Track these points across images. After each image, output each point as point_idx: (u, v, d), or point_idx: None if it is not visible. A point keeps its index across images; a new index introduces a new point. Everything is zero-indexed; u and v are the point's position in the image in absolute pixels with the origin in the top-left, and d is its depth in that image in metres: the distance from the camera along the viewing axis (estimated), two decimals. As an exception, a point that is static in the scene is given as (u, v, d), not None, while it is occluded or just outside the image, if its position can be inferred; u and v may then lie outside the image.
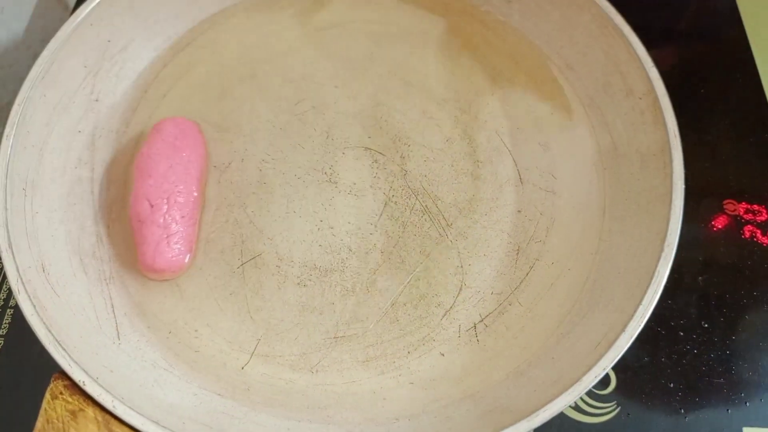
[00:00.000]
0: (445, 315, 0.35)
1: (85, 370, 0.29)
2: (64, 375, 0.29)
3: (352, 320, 0.35)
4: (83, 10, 0.38)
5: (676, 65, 0.47)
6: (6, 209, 0.32)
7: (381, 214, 0.38)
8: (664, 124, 0.35)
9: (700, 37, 0.48)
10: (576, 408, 0.35)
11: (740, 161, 0.42)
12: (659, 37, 0.48)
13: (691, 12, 0.49)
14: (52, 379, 0.29)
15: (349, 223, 0.38)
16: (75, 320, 0.32)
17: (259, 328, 0.35)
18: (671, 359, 0.36)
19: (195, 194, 0.37)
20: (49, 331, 0.29)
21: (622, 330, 0.30)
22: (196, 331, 0.35)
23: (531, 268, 0.37)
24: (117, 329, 0.34)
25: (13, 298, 0.38)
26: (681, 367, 0.36)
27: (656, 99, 0.36)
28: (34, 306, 0.30)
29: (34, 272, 0.32)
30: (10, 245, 0.31)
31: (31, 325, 0.29)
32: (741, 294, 0.38)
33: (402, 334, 0.35)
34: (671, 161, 0.34)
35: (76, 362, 0.29)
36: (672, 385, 0.36)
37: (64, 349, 0.29)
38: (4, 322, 0.37)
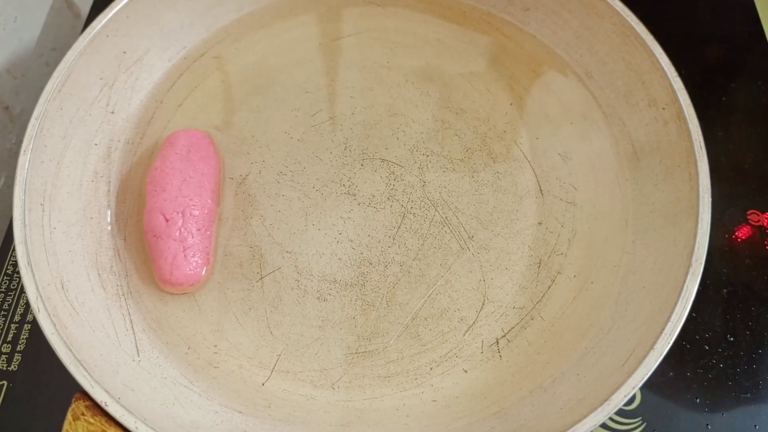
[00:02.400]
0: (468, 330, 0.35)
1: (107, 391, 0.28)
2: (85, 395, 0.28)
3: (372, 335, 0.35)
4: (99, 22, 0.38)
5: (695, 72, 0.46)
6: (24, 225, 0.32)
7: (399, 227, 0.38)
8: (689, 135, 0.35)
9: (719, 44, 0.47)
10: (601, 424, 0.35)
11: (764, 170, 0.42)
12: (677, 43, 0.47)
13: (710, 18, 0.48)
14: (74, 399, 0.28)
15: (368, 236, 0.38)
16: (95, 337, 0.32)
17: (278, 343, 0.35)
18: (697, 374, 0.36)
19: (210, 206, 0.37)
20: (70, 350, 0.29)
21: (651, 347, 0.29)
22: (215, 346, 0.35)
23: (553, 281, 0.36)
24: (136, 345, 0.33)
25: (31, 313, 0.38)
26: (707, 381, 0.36)
27: (680, 109, 0.35)
28: (54, 325, 0.29)
29: (54, 289, 0.32)
30: (29, 262, 0.31)
31: (51, 345, 0.29)
32: (767, 306, 0.37)
33: (424, 349, 0.35)
34: (697, 173, 0.34)
35: (97, 382, 0.28)
36: (698, 400, 0.35)
37: (85, 369, 0.28)
38: (21, 337, 0.37)
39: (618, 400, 0.28)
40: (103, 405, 0.28)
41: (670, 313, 0.30)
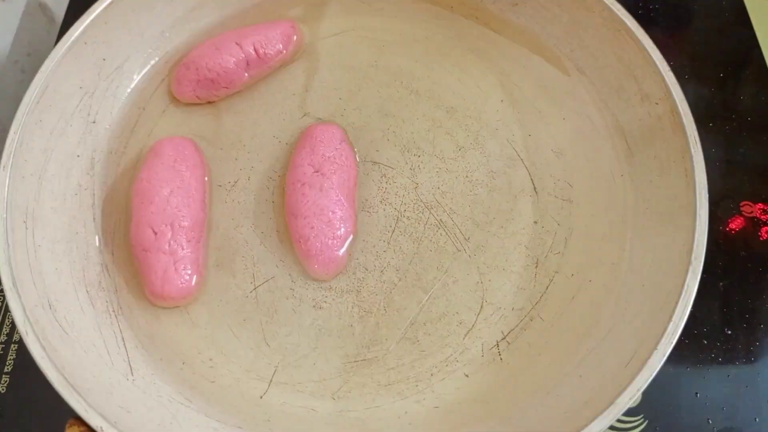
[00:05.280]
0: (467, 334, 0.35)
1: (102, 415, 0.27)
2: (80, 420, 0.27)
3: (371, 342, 0.34)
4: (77, 29, 0.37)
5: (684, 62, 0.46)
6: (8, 245, 0.31)
7: (394, 230, 0.37)
8: (684, 131, 0.34)
9: (707, 36, 0.47)
10: (604, 424, 0.35)
11: (755, 161, 0.42)
12: (666, 36, 0.47)
13: (699, 11, 0.48)
14: (67, 425, 0.27)
15: (363, 240, 0.37)
16: (86, 358, 0.31)
17: (275, 354, 0.34)
18: (696, 368, 0.36)
19: (200, 216, 0.36)
20: (61, 374, 0.28)
21: (654, 348, 0.29)
22: (210, 360, 0.34)
23: (551, 281, 0.36)
24: (129, 364, 0.32)
25: (17, 332, 0.37)
26: (706, 375, 0.36)
27: (674, 104, 0.35)
28: (44, 348, 0.28)
29: (41, 310, 0.31)
30: (14, 284, 0.30)
31: (41, 369, 0.28)
32: (763, 298, 0.38)
33: (423, 355, 0.34)
34: (693, 169, 0.33)
35: (92, 407, 0.27)
36: (698, 395, 0.35)
37: (78, 393, 0.28)
38: (8, 358, 0.36)
39: (624, 402, 0.28)
40: (99, 431, 0.27)
41: (672, 312, 0.30)
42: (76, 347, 0.31)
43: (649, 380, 0.29)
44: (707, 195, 0.33)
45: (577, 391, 0.31)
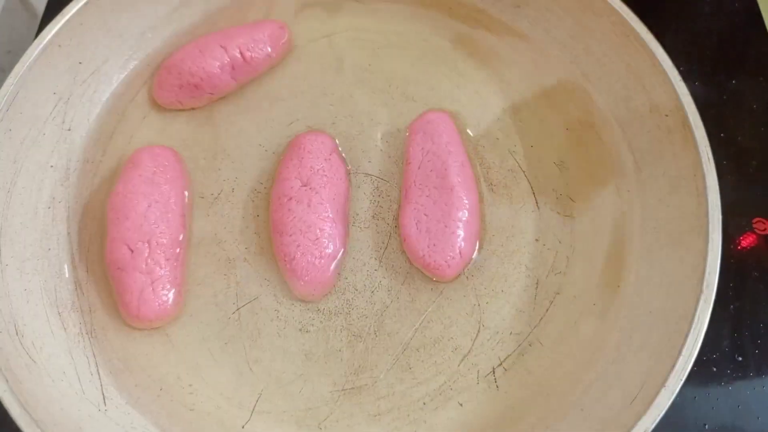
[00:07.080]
0: (462, 360, 0.33)
1: (67, 456, 0.25)
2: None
3: (360, 369, 0.33)
4: (50, 31, 0.35)
5: (693, 68, 0.43)
6: (-30, 267, 0.29)
7: (386, 247, 0.35)
8: (695, 146, 0.32)
9: (719, 40, 0.45)
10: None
11: (769, 176, 0.39)
12: (675, 38, 0.45)
13: (709, 12, 0.46)
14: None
15: (353, 258, 0.35)
16: (55, 389, 0.29)
17: (259, 381, 0.32)
18: (705, 397, 0.34)
19: (179, 232, 0.34)
20: (25, 409, 0.26)
21: (663, 385, 0.27)
22: (190, 386, 0.32)
23: (551, 303, 0.34)
24: (102, 392, 0.31)
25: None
26: (715, 406, 0.34)
27: (685, 117, 0.33)
28: (7, 380, 0.27)
29: (7, 336, 0.29)
30: (-24, 309, 0.28)
31: (4, 404, 0.26)
32: (776, 323, 0.36)
33: (416, 383, 0.32)
34: (705, 188, 0.31)
35: (57, 446, 0.25)
36: (707, 426, 0.33)
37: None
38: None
39: (629, 446, 0.26)
40: (63, 473, 0.25)
41: (681, 345, 0.28)
42: (44, 377, 0.29)
43: (657, 420, 0.27)
44: (720, 216, 0.31)
45: (579, 427, 0.29)
